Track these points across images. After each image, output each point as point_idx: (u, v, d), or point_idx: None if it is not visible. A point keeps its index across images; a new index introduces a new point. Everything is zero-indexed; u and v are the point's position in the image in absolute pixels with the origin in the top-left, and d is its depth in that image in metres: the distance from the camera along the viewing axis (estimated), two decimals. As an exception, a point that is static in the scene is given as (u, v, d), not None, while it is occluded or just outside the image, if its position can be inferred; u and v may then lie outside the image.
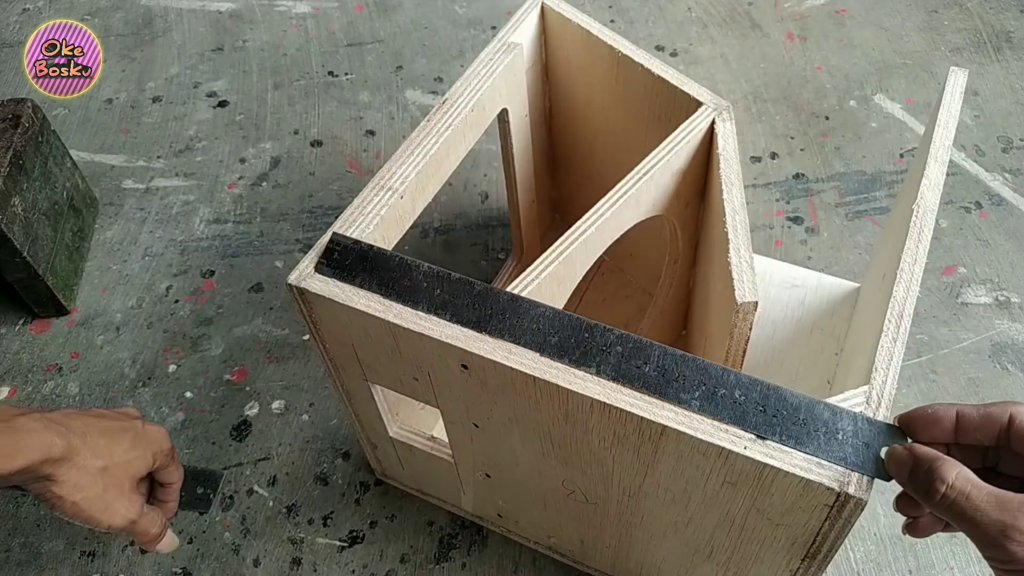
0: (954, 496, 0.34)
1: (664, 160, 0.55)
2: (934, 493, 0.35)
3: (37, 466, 0.45)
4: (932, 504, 0.35)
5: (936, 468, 0.35)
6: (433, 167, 0.55)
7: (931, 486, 0.35)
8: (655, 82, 0.60)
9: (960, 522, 0.34)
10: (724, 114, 0.57)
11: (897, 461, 0.37)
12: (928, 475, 0.35)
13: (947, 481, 0.34)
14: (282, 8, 1.17)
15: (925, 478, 0.35)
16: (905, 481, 0.37)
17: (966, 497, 0.34)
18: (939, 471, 0.35)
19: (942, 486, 0.34)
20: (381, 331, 0.47)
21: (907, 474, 0.36)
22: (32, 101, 0.81)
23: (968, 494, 0.34)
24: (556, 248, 0.51)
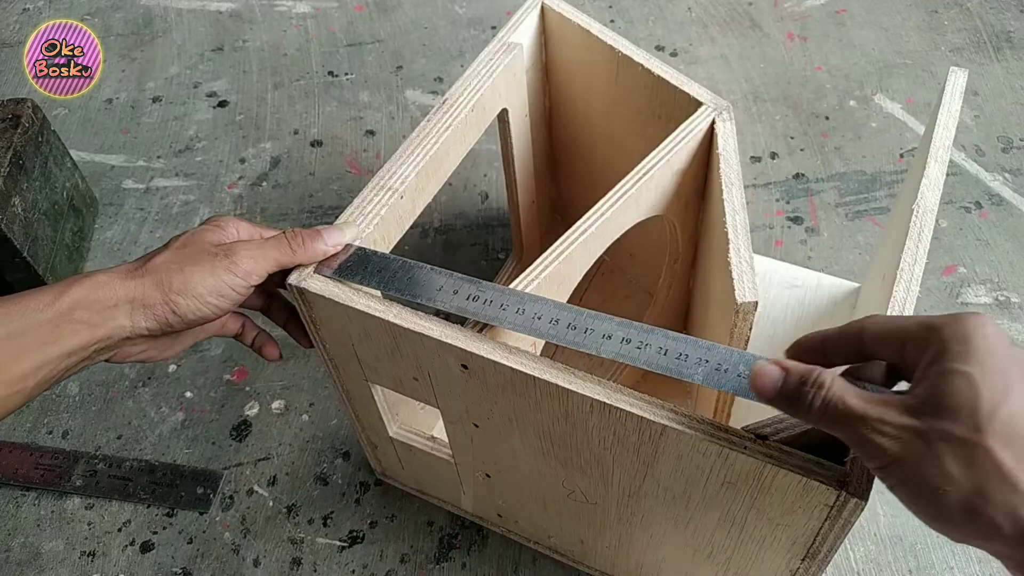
0: (832, 400, 0.34)
1: (664, 160, 0.55)
2: (814, 400, 0.34)
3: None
4: (809, 413, 0.35)
5: (814, 377, 0.35)
6: (433, 167, 0.55)
7: (809, 395, 0.34)
8: (655, 82, 0.60)
9: (836, 426, 0.34)
10: (724, 114, 0.57)
11: (764, 375, 0.36)
12: (803, 385, 0.35)
13: (826, 386, 0.34)
14: (282, 8, 1.17)
15: (799, 389, 0.35)
16: (776, 396, 0.36)
17: (842, 401, 0.34)
18: (818, 379, 0.35)
19: (823, 391, 0.34)
20: (381, 331, 0.47)
21: (778, 388, 0.36)
22: (32, 101, 0.81)
23: (843, 397, 0.34)
24: (556, 248, 0.51)
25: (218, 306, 0.45)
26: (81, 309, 0.42)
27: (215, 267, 0.45)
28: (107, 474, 0.71)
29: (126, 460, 0.72)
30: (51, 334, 0.41)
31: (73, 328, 0.42)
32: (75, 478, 0.71)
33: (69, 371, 0.43)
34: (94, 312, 0.43)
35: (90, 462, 0.72)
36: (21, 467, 0.72)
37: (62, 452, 0.73)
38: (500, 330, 0.48)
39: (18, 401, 0.42)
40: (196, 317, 0.45)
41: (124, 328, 0.44)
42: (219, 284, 0.45)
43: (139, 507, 0.70)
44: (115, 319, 0.43)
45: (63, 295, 0.42)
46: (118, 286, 0.44)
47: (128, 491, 0.70)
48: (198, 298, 0.44)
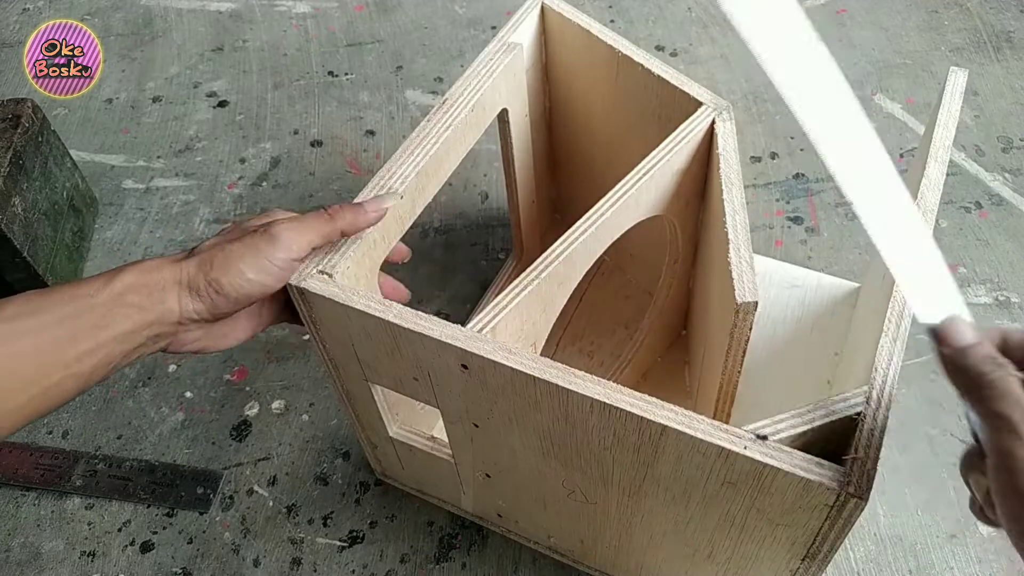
0: (1008, 390, 0.32)
1: (664, 160, 0.55)
2: (994, 378, 0.32)
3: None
4: (978, 389, 0.33)
5: (1002, 361, 0.33)
6: (433, 167, 0.55)
7: (991, 374, 0.32)
8: (655, 82, 0.60)
9: (991, 420, 0.32)
10: (724, 114, 0.57)
11: (958, 331, 0.35)
12: (988, 362, 0.33)
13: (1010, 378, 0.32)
14: (282, 8, 1.17)
15: (984, 363, 0.33)
16: (954, 355, 0.34)
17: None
18: (1006, 366, 0.33)
19: (1004, 375, 0.32)
20: (381, 331, 0.47)
21: (961, 347, 0.34)
22: (32, 101, 0.81)
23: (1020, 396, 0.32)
24: (556, 248, 0.51)
25: (260, 282, 0.46)
26: (132, 293, 0.44)
27: (255, 242, 0.46)
28: (107, 474, 0.71)
29: (126, 460, 0.72)
30: (103, 318, 0.42)
31: (125, 312, 0.43)
32: (75, 478, 0.71)
33: (126, 357, 0.44)
34: (144, 296, 0.44)
35: (90, 462, 0.72)
36: (21, 467, 0.72)
37: (62, 452, 0.73)
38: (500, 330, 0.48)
39: (73, 387, 0.42)
40: (239, 295, 0.46)
41: (173, 312, 0.45)
42: (259, 259, 0.45)
43: (139, 507, 0.70)
44: (164, 302, 0.44)
45: (114, 280, 0.43)
46: (166, 270, 0.45)
47: (128, 491, 0.70)
48: (238, 274, 0.45)
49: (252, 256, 0.45)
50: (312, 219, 0.48)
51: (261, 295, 0.47)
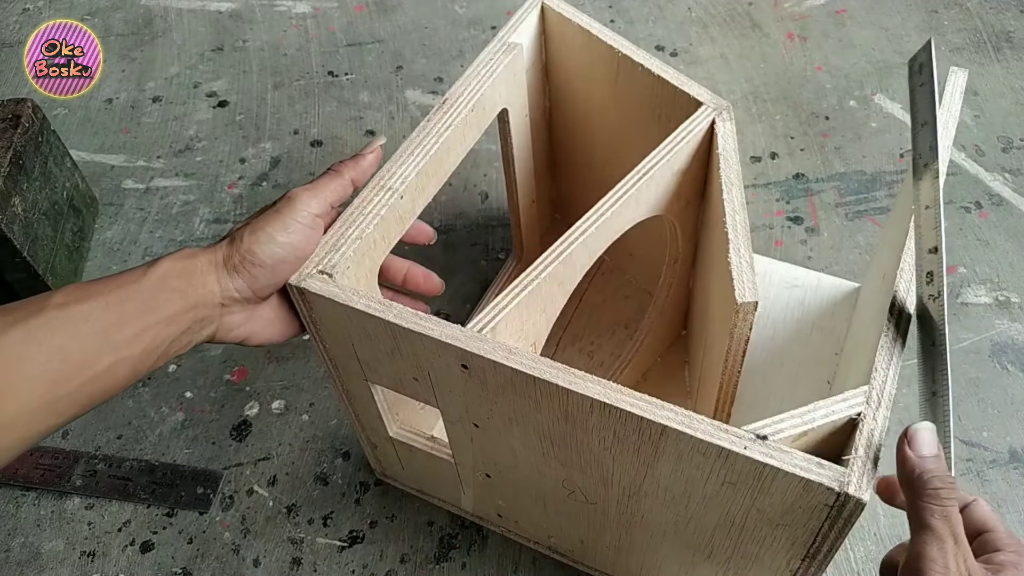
0: (949, 514, 0.37)
1: (664, 160, 0.55)
2: (940, 496, 0.38)
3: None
4: (923, 502, 0.38)
5: (952, 488, 0.38)
6: (433, 167, 0.55)
7: (942, 492, 0.38)
8: (655, 82, 0.60)
9: (923, 533, 0.38)
10: (724, 114, 0.57)
11: (923, 439, 0.40)
12: (943, 482, 0.38)
13: (953, 502, 0.38)
14: (282, 8, 1.17)
15: (939, 480, 0.38)
16: (914, 461, 0.39)
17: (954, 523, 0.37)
18: (956, 493, 0.38)
19: (951, 501, 0.37)
20: (381, 331, 0.47)
21: (923, 457, 0.39)
22: (32, 101, 0.81)
23: (957, 520, 0.38)
24: (556, 248, 0.51)
25: (289, 243, 0.48)
26: (173, 278, 0.45)
27: (277, 209, 0.48)
28: (107, 474, 0.71)
29: (126, 460, 0.72)
30: (147, 303, 0.44)
31: (167, 296, 0.45)
32: (75, 478, 0.71)
33: (175, 343, 0.46)
34: (184, 280, 0.46)
35: (90, 462, 0.72)
36: (21, 467, 0.72)
37: (62, 452, 0.73)
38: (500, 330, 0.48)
39: (124, 372, 0.44)
40: (274, 259, 0.47)
41: (214, 293, 0.47)
42: (283, 221, 0.48)
43: (139, 507, 0.70)
44: (205, 285, 0.46)
45: (153, 267, 0.45)
46: (202, 255, 0.47)
47: (128, 491, 0.70)
48: (268, 239, 0.47)
49: (276, 220, 0.48)
50: (323, 178, 0.51)
51: (295, 258, 0.48)
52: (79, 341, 0.42)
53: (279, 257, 0.48)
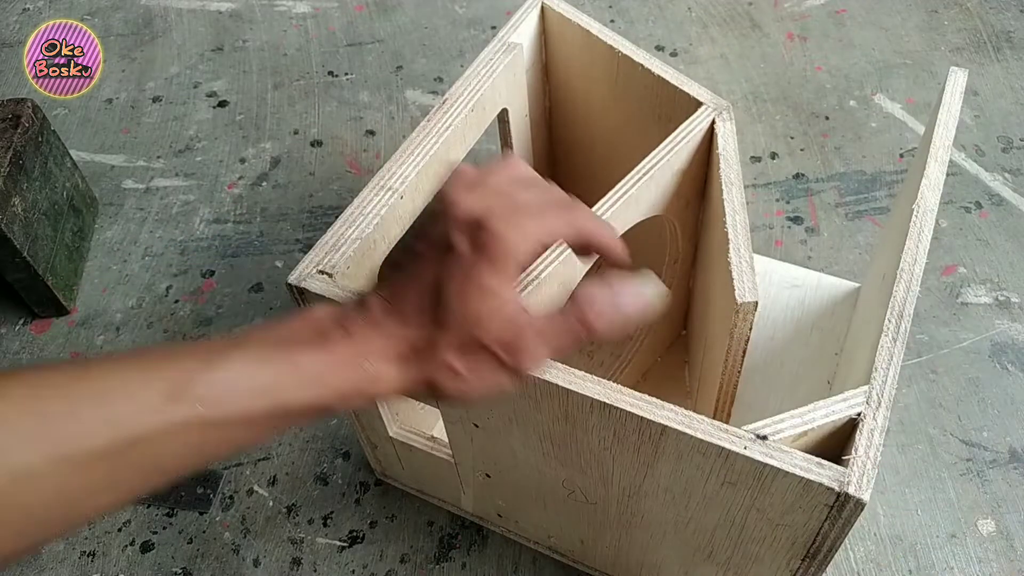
0: None
1: (664, 160, 0.55)
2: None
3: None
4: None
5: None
6: (433, 167, 0.55)
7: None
8: (655, 82, 0.60)
9: None
10: (724, 114, 0.57)
11: None
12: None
13: None
14: (282, 8, 1.17)
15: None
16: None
17: None
18: None
19: None
20: None
21: None
22: (32, 101, 0.81)
23: None
24: (556, 248, 0.51)
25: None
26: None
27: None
28: (107, 474, 0.71)
29: (126, 460, 0.72)
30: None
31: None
32: (75, 478, 0.71)
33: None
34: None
35: None
36: (21, 467, 0.72)
37: (62, 452, 0.73)
38: None
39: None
40: None
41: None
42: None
43: (139, 507, 0.70)
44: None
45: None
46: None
47: (128, 491, 0.70)
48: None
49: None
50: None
51: None
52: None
53: None
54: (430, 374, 0.35)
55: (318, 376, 0.34)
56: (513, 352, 0.35)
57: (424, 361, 0.35)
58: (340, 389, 0.34)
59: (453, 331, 0.35)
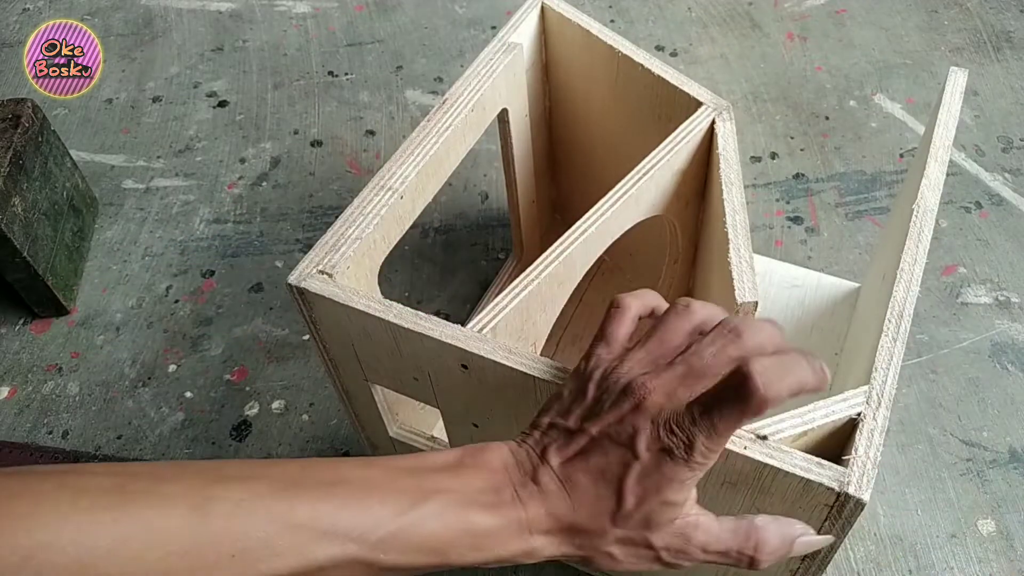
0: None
1: (664, 160, 0.55)
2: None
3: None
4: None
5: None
6: (433, 167, 0.55)
7: None
8: (655, 82, 0.60)
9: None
10: (724, 114, 0.57)
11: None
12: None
13: None
14: (282, 8, 1.17)
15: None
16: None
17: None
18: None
19: None
20: (381, 331, 0.47)
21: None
22: (32, 101, 0.81)
23: None
24: (556, 248, 0.51)
25: None
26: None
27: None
28: (107, 474, 0.71)
29: (126, 460, 0.72)
30: None
31: None
32: (75, 478, 0.71)
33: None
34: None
35: (90, 462, 0.72)
36: (21, 467, 0.72)
37: (62, 452, 0.73)
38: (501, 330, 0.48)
39: None
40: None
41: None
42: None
43: (139, 507, 0.70)
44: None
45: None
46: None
47: (128, 491, 0.70)
48: None
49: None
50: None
51: None
52: None
53: None
54: (589, 553, 0.36)
55: (487, 542, 0.34)
56: (675, 555, 0.36)
57: (586, 543, 0.35)
58: (501, 556, 0.35)
59: (625, 529, 0.35)
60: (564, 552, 0.35)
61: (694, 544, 0.35)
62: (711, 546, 0.36)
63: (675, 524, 0.35)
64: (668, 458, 0.33)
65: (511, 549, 0.34)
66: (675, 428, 0.33)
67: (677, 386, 0.34)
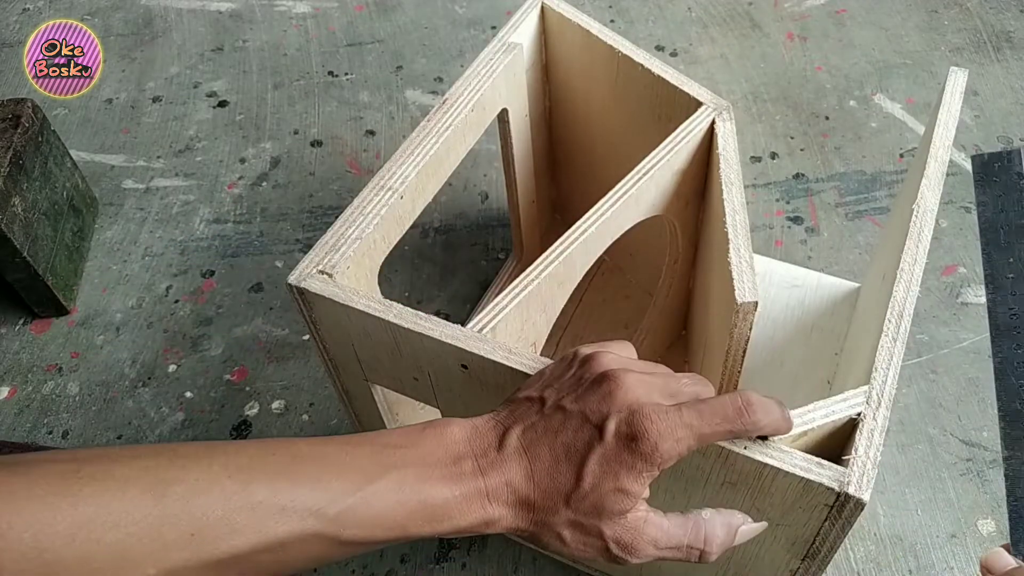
0: None
1: (664, 160, 0.55)
2: None
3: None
4: None
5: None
6: (433, 167, 0.55)
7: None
8: (655, 82, 0.60)
9: None
10: (724, 114, 0.57)
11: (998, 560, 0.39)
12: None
13: None
14: (282, 8, 1.17)
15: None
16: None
17: None
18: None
19: None
20: (381, 331, 0.47)
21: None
22: (32, 101, 0.81)
23: None
24: (556, 248, 0.51)
25: None
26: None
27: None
28: (107, 474, 0.71)
29: (126, 460, 0.72)
30: None
31: None
32: (75, 478, 0.71)
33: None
34: None
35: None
36: (21, 467, 0.72)
37: (62, 452, 0.73)
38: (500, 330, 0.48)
39: None
40: None
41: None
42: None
43: (139, 507, 0.70)
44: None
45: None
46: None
47: (128, 491, 0.70)
48: None
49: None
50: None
51: None
52: None
53: None
54: (538, 532, 0.36)
55: (446, 513, 0.34)
56: (624, 549, 0.35)
57: (538, 519, 0.36)
58: (460, 527, 0.35)
59: (577, 512, 0.35)
60: (519, 526, 0.36)
61: (644, 539, 0.35)
62: (661, 542, 0.36)
63: (627, 518, 0.35)
64: (632, 447, 0.34)
65: (469, 519, 0.35)
66: (650, 418, 0.34)
67: (654, 389, 0.36)
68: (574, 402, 0.36)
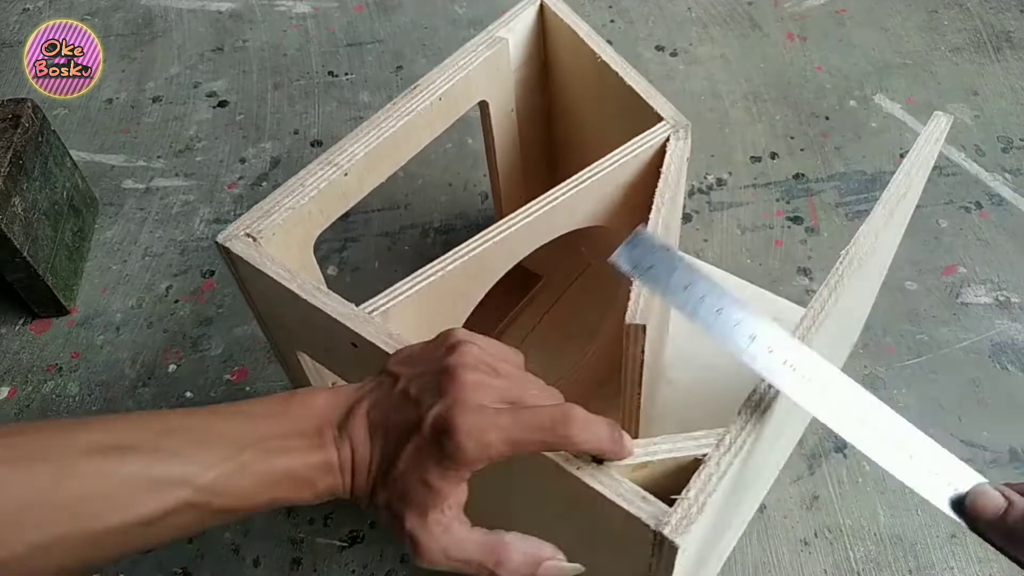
0: None
1: (605, 172, 0.54)
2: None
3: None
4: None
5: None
6: (388, 149, 0.55)
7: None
8: (627, 91, 0.59)
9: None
10: (681, 132, 0.56)
11: (987, 499, 0.36)
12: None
13: None
14: (282, 8, 1.17)
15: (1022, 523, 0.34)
16: (993, 524, 0.36)
17: None
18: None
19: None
20: (289, 300, 0.48)
21: (999, 516, 0.36)
22: (32, 101, 0.81)
23: None
24: (470, 243, 0.51)
25: None
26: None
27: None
28: (107, 474, 0.71)
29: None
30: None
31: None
32: (75, 478, 0.71)
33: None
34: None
35: None
36: (21, 467, 0.72)
37: (62, 452, 0.73)
38: (394, 314, 0.47)
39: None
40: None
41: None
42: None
43: (139, 507, 0.70)
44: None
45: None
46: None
47: (128, 491, 0.70)
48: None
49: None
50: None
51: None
52: None
53: None
54: (373, 506, 0.36)
55: (309, 481, 0.35)
56: (414, 547, 0.35)
57: (364, 496, 0.37)
58: (321, 493, 0.36)
59: (391, 495, 0.35)
60: (358, 497, 0.37)
61: (436, 544, 0.35)
62: (453, 552, 0.35)
63: (428, 518, 0.35)
64: (440, 441, 0.34)
65: (331, 486, 0.36)
66: (462, 415, 0.34)
67: (491, 391, 0.35)
68: (416, 387, 0.36)
